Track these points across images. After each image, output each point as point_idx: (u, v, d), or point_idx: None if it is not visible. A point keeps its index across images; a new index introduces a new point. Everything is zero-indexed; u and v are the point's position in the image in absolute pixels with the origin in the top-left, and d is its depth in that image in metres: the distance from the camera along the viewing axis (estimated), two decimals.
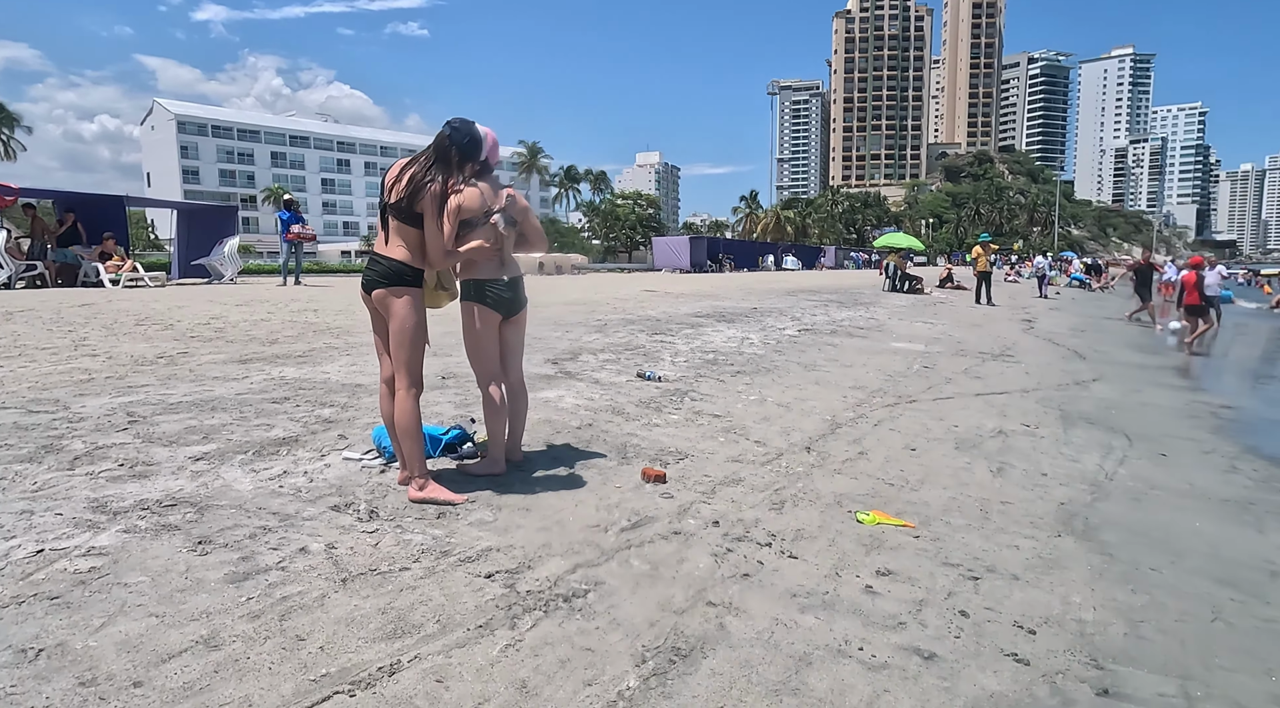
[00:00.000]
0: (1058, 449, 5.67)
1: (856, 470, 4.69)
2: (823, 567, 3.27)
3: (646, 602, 2.82)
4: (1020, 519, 4.08)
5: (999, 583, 3.26)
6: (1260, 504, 4.69)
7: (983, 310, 18.85)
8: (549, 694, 2.21)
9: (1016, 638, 2.79)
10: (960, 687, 2.45)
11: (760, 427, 5.56)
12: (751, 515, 3.78)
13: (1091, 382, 8.97)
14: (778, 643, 2.62)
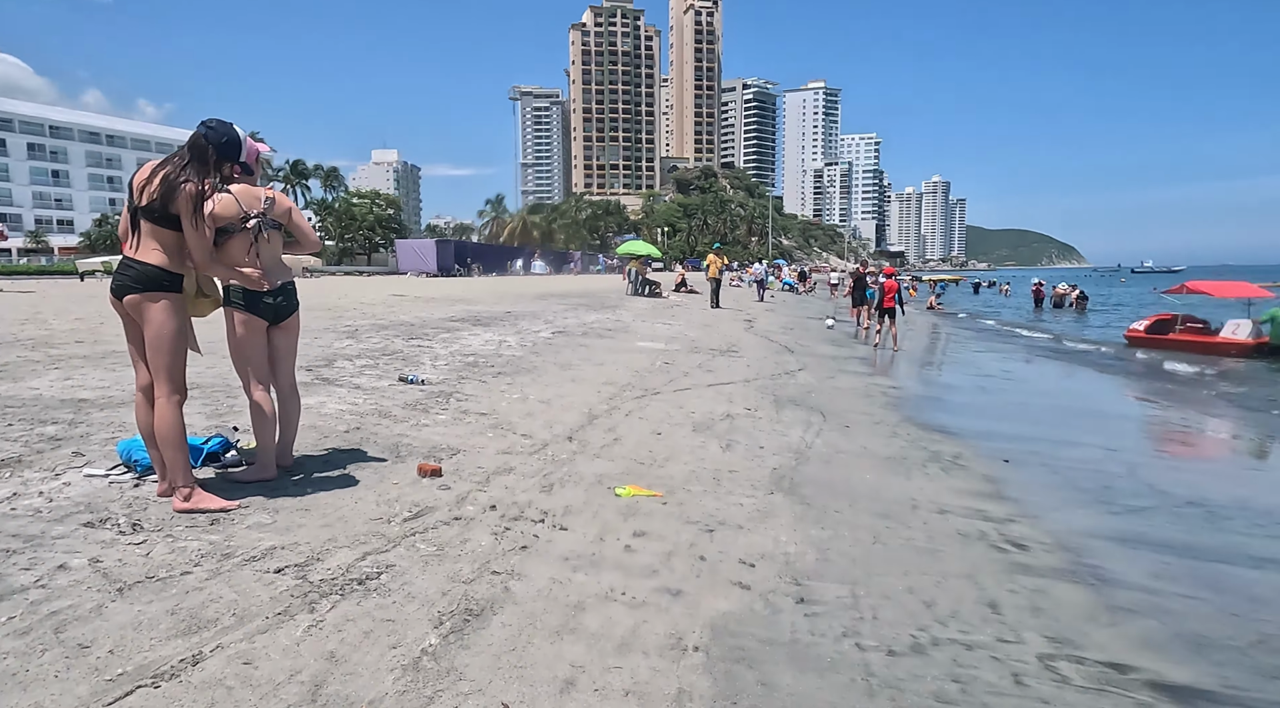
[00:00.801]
0: (772, 427, 6.79)
1: (613, 454, 5.30)
2: (589, 535, 3.78)
3: (437, 576, 3.11)
4: (744, 483, 4.94)
5: (728, 533, 4.00)
6: (909, 458, 6.10)
7: (713, 312, 21.01)
8: (358, 659, 2.45)
9: (741, 571, 3.52)
10: (701, 611, 3.08)
11: (525, 422, 5.99)
12: (525, 498, 4.19)
13: (798, 371, 10.62)
14: (556, 597, 3.07)
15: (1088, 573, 3.92)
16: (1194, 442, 8.73)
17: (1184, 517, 5.12)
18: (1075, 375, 14.12)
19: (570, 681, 2.48)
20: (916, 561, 3.88)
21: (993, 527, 4.53)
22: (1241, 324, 17.50)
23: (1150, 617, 3.44)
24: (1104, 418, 9.77)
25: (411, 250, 43.90)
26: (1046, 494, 5.45)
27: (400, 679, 2.37)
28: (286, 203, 3.96)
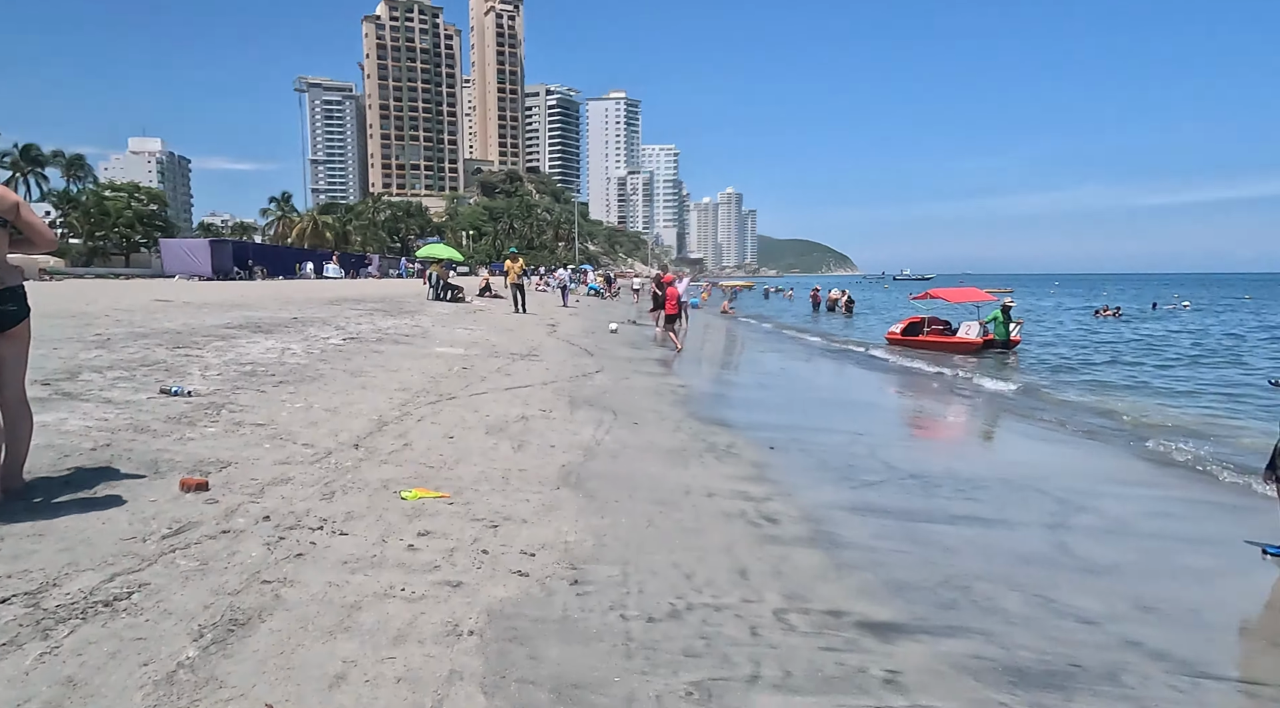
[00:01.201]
0: (565, 427, 7.05)
1: (401, 459, 5.29)
2: (371, 537, 3.79)
3: (199, 591, 3.00)
4: (532, 481, 5.14)
5: (513, 527, 4.18)
6: (689, 450, 6.63)
7: (516, 317, 21.06)
8: (101, 681, 2.34)
9: (522, 561, 3.71)
10: (479, 599, 3.24)
11: (308, 431, 5.77)
12: (303, 507, 4.09)
13: (595, 373, 11.03)
14: (331, 599, 3.08)
15: (824, 539, 4.55)
16: (925, 425, 10.20)
17: (906, 487, 6.04)
18: (839, 372, 15.85)
19: (341, 675, 2.54)
20: (683, 539, 4.29)
21: (752, 506, 5.09)
22: (972, 325, 20.55)
23: (867, 570, 4.08)
24: (858, 407, 11.12)
25: (180, 251, 39.43)
26: (801, 475, 6.19)
27: (151, 695, 2.30)
28: (13, 197, 3.60)
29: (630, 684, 2.70)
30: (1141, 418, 10.50)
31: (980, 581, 4.07)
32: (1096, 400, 12.09)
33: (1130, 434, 9.35)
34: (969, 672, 3.03)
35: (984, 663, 3.11)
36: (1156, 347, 22.63)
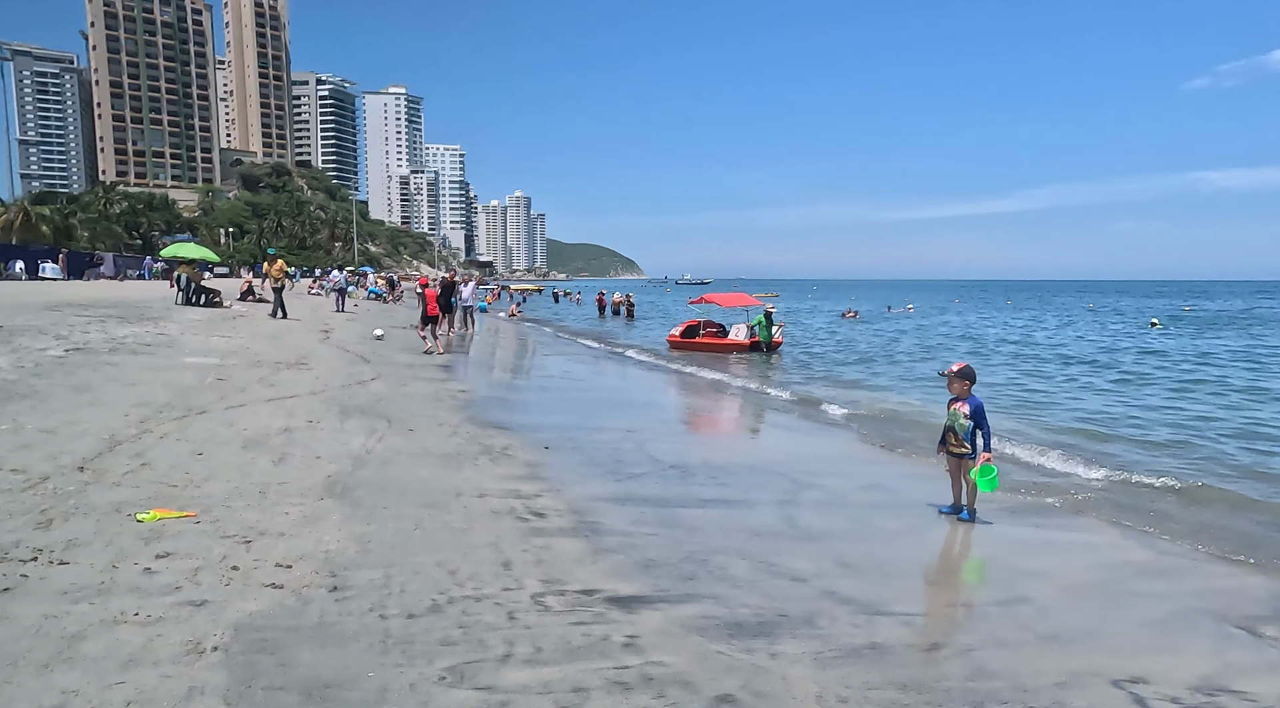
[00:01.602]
0: (333, 437, 6.84)
1: (139, 480, 4.88)
2: (98, 564, 3.53)
3: None
4: (293, 493, 4.99)
5: (268, 541, 4.08)
6: (464, 454, 6.74)
7: (283, 323, 19.58)
8: None
9: (277, 574, 3.66)
10: (225, 616, 3.17)
11: (17, 455, 5.12)
12: (10, 539, 3.69)
13: (371, 381, 10.68)
14: (48, 633, 2.87)
15: (586, 528, 4.91)
16: (690, 420, 11.09)
17: (666, 477, 6.62)
18: (619, 373, 16.62)
19: (59, 706, 2.41)
20: (449, 540, 4.43)
21: (522, 503, 5.34)
22: (740, 328, 22.37)
23: (621, 553, 4.48)
24: (633, 407, 11.80)
25: None
26: (571, 471, 6.54)
27: None
28: None
29: (384, 678, 2.82)
30: (871, 407, 12.18)
31: (717, 554, 4.63)
32: (836, 393, 13.81)
33: (859, 421, 10.83)
34: (696, 630, 3.49)
35: (710, 621, 3.60)
36: (886, 345, 26.12)
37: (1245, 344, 26.15)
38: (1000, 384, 15.25)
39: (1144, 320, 39.58)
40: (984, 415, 5.78)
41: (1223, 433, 10.45)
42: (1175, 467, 8.29)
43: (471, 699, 2.72)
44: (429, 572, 3.89)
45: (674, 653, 3.23)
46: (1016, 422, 10.77)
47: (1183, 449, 9.41)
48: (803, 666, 3.23)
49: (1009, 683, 3.25)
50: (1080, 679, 3.33)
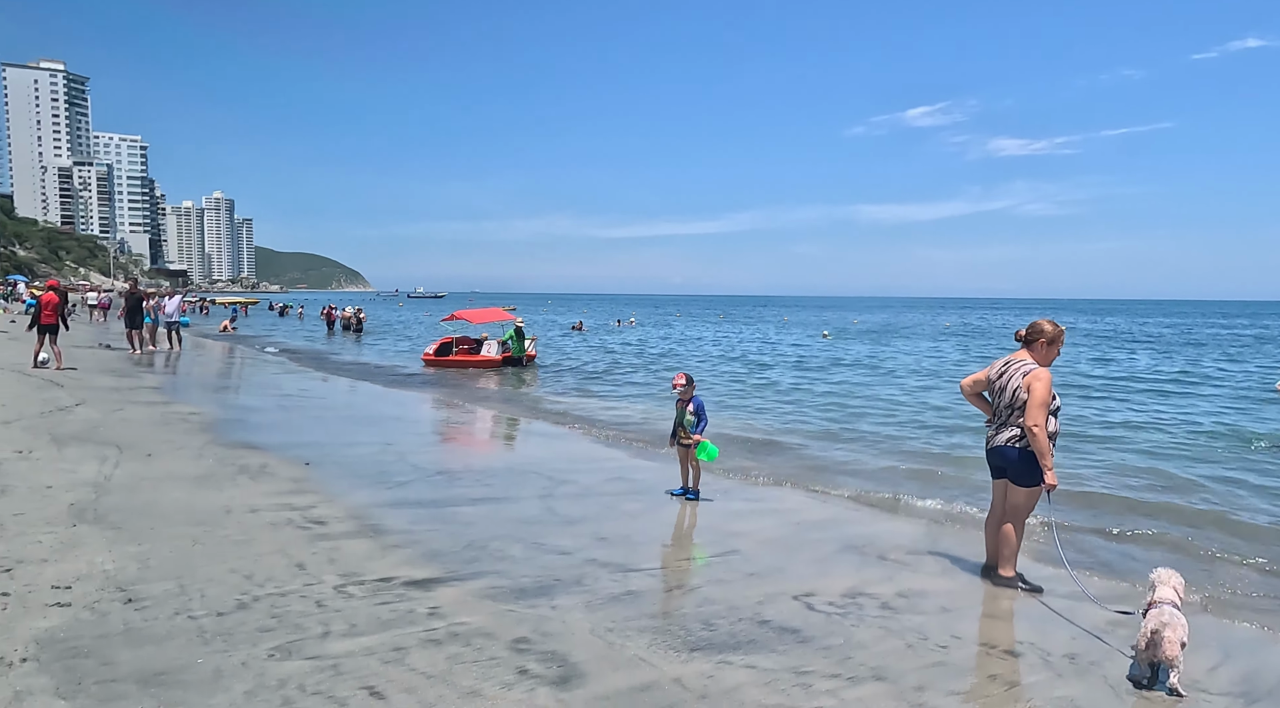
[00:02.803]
0: (55, 466, 6.30)
1: None
2: None
3: None
4: (37, 523, 4.72)
5: (32, 568, 3.96)
6: (219, 475, 6.60)
7: None
8: None
9: (58, 594, 3.65)
10: (19, 634, 3.20)
11: None
12: None
13: (75, 406, 9.56)
14: None
15: (369, 530, 5.29)
16: (447, 432, 11.48)
17: (433, 482, 7.10)
18: (363, 390, 16.28)
19: None
20: (235, 550, 4.59)
21: (298, 514, 5.53)
22: (493, 344, 22.68)
23: (408, 547, 4.97)
24: (386, 422, 11.84)
25: None
26: (340, 483, 6.74)
27: None
28: None
29: (214, 662, 3.12)
30: (610, 412, 13.48)
31: (494, 540, 5.31)
32: (580, 401, 14.99)
33: (600, 425, 12.01)
34: (488, 596, 4.16)
35: (498, 590, 4.29)
36: (613, 355, 28.26)
37: (890, 350, 32.47)
38: (719, 389, 17.59)
39: (841, 329, 47.01)
40: (704, 412, 7.11)
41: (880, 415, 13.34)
42: (844, 444, 10.57)
43: (304, 667, 3.14)
44: (224, 579, 4.09)
45: (472, 615, 3.87)
46: (734, 417, 12.74)
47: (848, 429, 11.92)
48: (577, 612, 4.06)
49: (725, 606, 4.37)
50: (772, 598, 4.55)
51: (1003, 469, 5.05)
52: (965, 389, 5.39)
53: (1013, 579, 5.09)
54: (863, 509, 7.23)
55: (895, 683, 3.47)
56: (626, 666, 3.45)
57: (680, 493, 7.21)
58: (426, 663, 3.28)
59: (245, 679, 2.99)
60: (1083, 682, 3.69)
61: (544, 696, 3.07)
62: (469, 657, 3.38)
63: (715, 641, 3.82)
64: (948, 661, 3.81)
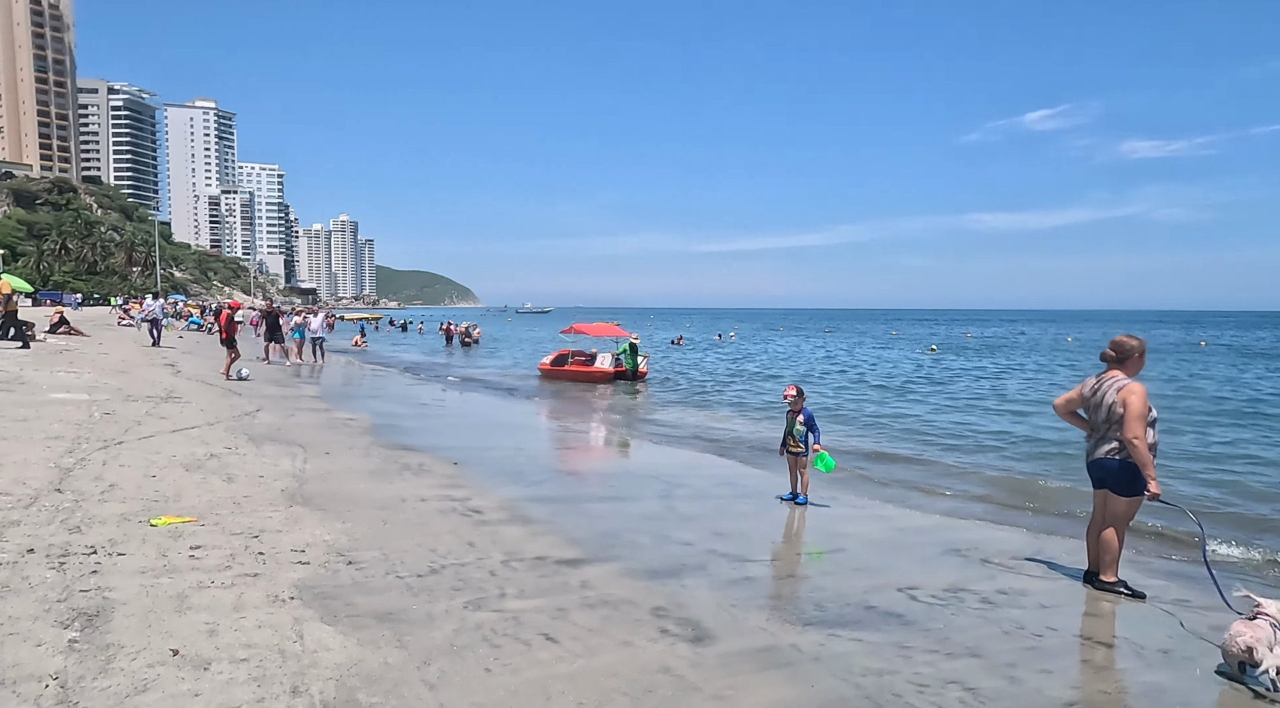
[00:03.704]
0: (260, 461, 7.53)
1: (120, 496, 5.52)
2: (150, 554, 4.35)
3: (27, 602, 3.47)
4: (263, 504, 5.82)
5: (272, 536, 4.99)
6: (387, 470, 7.68)
7: (129, 357, 18.64)
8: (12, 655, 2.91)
9: (297, 556, 4.63)
10: (280, 580, 4.16)
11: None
12: (59, 541, 4.40)
13: (256, 412, 11.07)
14: (157, 594, 3.76)
15: (519, 518, 6.14)
16: (570, 439, 12.42)
17: (564, 481, 7.96)
18: (488, 401, 17.59)
19: (212, 629, 3.40)
20: (416, 530, 5.52)
21: (458, 503, 6.47)
22: (606, 356, 23.72)
23: (553, 534, 5.78)
24: (514, 429, 12.95)
25: None
26: (487, 480, 7.68)
27: (68, 657, 2.97)
28: None
29: (424, 608, 3.98)
30: (720, 423, 14.09)
31: (624, 531, 6.05)
32: (682, 414, 15.68)
33: (710, 435, 12.65)
34: (626, 575, 4.89)
35: (634, 570, 5.01)
36: (717, 369, 28.79)
37: (1003, 365, 31.41)
38: (824, 401, 17.87)
39: (951, 343, 45.79)
40: (815, 422, 7.64)
41: (984, 432, 13.34)
42: (954, 460, 10.77)
43: (492, 617, 3.95)
44: (414, 551, 5.00)
45: (616, 588, 4.61)
46: (839, 429, 13.09)
47: (960, 445, 12.05)
48: (703, 591, 4.72)
49: (833, 593, 4.92)
50: (877, 589, 5.06)
51: (1103, 480, 5.35)
52: (1059, 408, 5.71)
53: (1114, 584, 5.37)
54: (968, 519, 7.55)
55: (989, 660, 3.94)
56: (749, 632, 4.08)
57: (790, 498, 7.75)
58: (585, 620, 4.03)
59: (451, 622, 3.82)
60: (1173, 672, 4.03)
61: (683, 649, 3.75)
62: (618, 618, 4.10)
63: (825, 619, 4.39)
64: (1041, 647, 4.23)
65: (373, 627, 3.65)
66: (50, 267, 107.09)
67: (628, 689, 3.24)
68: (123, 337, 28.11)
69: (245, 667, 3.07)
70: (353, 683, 3.04)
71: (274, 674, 3.04)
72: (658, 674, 3.43)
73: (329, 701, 2.88)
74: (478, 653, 3.47)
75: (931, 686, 3.55)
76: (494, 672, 3.30)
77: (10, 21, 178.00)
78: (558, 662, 3.46)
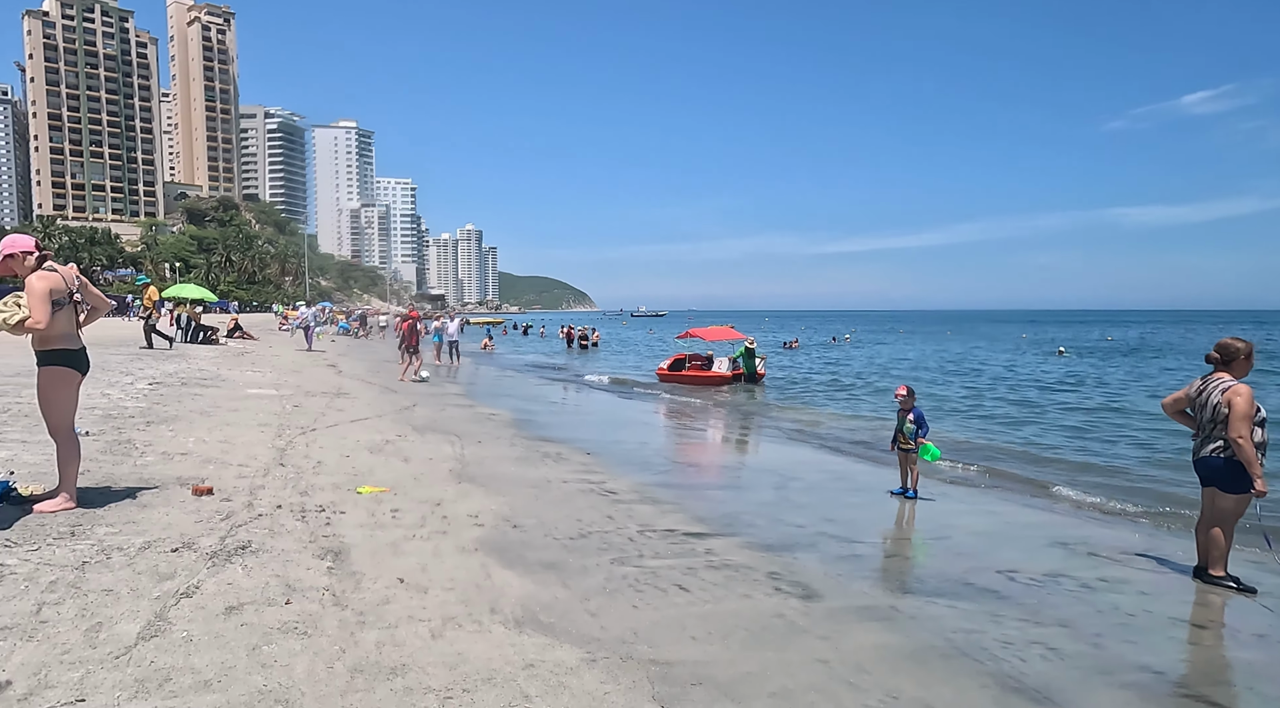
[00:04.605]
0: (425, 446, 8.75)
1: (328, 471, 6.77)
2: (362, 514, 5.46)
3: (287, 541, 4.59)
4: (436, 480, 6.94)
5: (450, 504, 6.03)
6: (530, 457, 8.73)
7: (298, 359, 21.06)
8: (296, 575, 3.98)
9: (472, 520, 5.63)
10: (464, 537, 5.14)
11: (229, 456, 6.95)
12: (296, 501, 5.60)
13: (413, 407, 12.53)
14: (378, 542, 4.81)
15: (649, 499, 6.98)
16: (689, 435, 13.22)
17: (686, 471, 8.75)
18: (612, 400, 18.68)
19: (423, 567, 4.39)
20: (563, 505, 6.45)
21: (595, 485, 7.37)
22: (723, 360, 24.33)
23: (680, 512, 6.56)
24: (635, 425, 13.88)
25: None
26: (617, 467, 8.58)
27: (330, 578, 4.01)
28: (75, 273, 4.82)
29: (579, 562, 4.85)
30: (834, 421, 14.48)
31: (742, 514, 6.76)
32: (796, 414, 16.13)
33: (824, 432, 13.10)
34: (745, 547, 5.60)
35: (751, 544, 5.71)
36: (831, 371, 28.78)
37: (1138, 370, 29.58)
38: (937, 403, 17.81)
39: (1086, 345, 43.43)
40: (924, 420, 8.06)
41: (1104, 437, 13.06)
42: (1066, 457, 10.76)
43: (634, 571, 4.77)
44: (563, 520, 5.92)
45: (736, 556, 5.33)
46: (953, 429, 13.20)
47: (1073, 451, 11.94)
48: (813, 562, 5.37)
49: (934, 571, 5.43)
50: (976, 570, 5.52)
51: (1209, 478, 5.56)
52: (1167, 408, 5.93)
53: (1222, 578, 5.57)
54: (1080, 516, 7.76)
55: (1076, 630, 4.38)
56: (853, 595, 4.71)
57: (900, 492, 8.18)
58: (711, 578, 4.78)
59: (601, 572, 4.67)
60: (1266, 652, 4.33)
61: (794, 603, 4.43)
62: (739, 578, 4.83)
63: (923, 590, 4.94)
64: (1132, 624, 4.61)
65: (541, 573, 4.55)
66: (217, 277, 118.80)
67: (748, 627, 3.97)
68: (284, 341, 31.34)
69: (453, 593, 4.02)
70: (533, 608, 3.93)
71: (475, 599, 3.97)
72: (773, 619, 4.13)
73: (518, 617, 3.77)
74: (625, 595, 4.30)
75: (1016, 644, 4.06)
76: (639, 608, 4.11)
77: (186, 58, 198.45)
78: (690, 604, 4.24)
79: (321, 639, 3.27)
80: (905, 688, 3.37)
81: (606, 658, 3.39)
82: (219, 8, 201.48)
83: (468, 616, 3.72)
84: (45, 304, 4.38)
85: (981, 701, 3.34)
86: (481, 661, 3.21)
